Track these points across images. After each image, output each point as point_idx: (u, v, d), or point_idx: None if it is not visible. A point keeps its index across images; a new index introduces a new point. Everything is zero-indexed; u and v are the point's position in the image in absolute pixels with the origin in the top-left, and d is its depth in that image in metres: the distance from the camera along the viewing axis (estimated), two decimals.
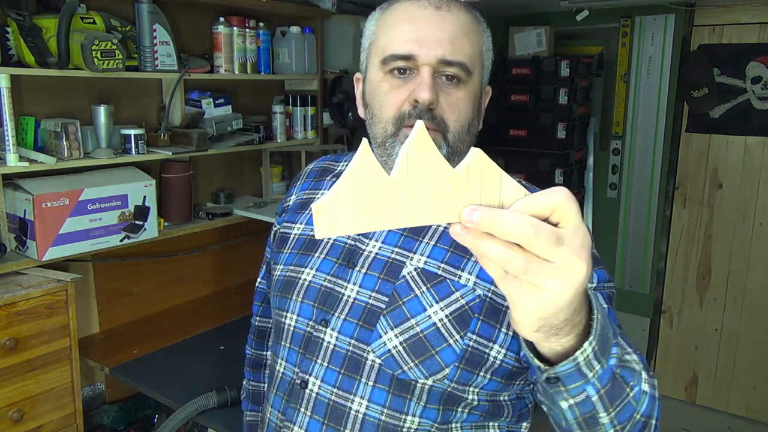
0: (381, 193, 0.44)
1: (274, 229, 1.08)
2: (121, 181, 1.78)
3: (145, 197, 1.83)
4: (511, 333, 0.82)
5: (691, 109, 2.94)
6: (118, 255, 2.00)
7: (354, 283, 0.87)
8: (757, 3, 2.68)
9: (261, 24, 2.23)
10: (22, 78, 1.66)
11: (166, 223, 2.00)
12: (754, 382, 2.95)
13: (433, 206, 0.44)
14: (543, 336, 0.49)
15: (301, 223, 1.00)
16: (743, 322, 2.96)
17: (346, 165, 0.78)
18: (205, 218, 2.14)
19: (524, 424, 0.95)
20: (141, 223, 1.83)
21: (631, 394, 0.60)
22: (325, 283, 0.90)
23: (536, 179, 3.00)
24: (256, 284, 1.19)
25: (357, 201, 0.44)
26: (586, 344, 0.51)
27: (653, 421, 0.65)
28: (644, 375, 0.63)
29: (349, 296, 0.87)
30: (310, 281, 0.92)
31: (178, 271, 2.27)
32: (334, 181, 0.72)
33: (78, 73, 1.65)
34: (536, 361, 0.54)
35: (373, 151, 0.48)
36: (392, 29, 0.85)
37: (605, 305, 0.78)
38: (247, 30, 2.16)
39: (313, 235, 0.95)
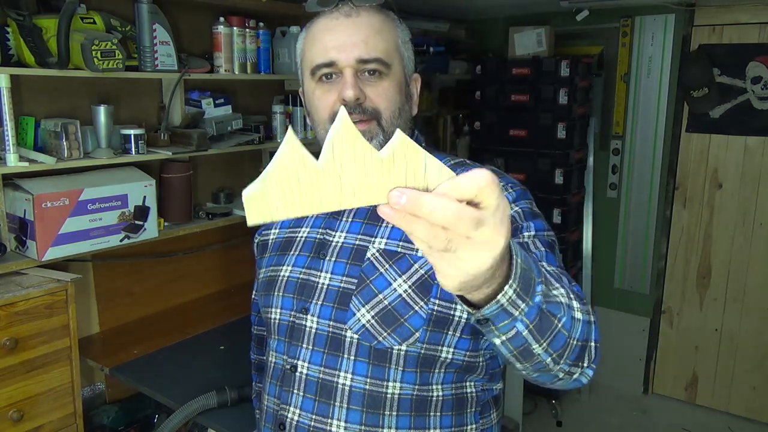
0: (309, 180, 0.45)
1: (256, 240, 1.18)
2: (121, 181, 1.78)
3: (145, 197, 1.83)
4: None
5: (691, 109, 2.94)
6: (118, 255, 2.00)
7: (326, 272, 0.97)
8: (757, 3, 2.68)
9: (261, 24, 2.22)
10: (22, 78, 1.66)
11: (166, 223, 2.00)
12: (754, 382, 2.95)
13: (361, 190, 0.46)
14: (465, 292, 0.54)
15: (276, 229, 1.11)
16: (743, 322, 2.96)
17: None
18: (205, 218, 2.14)
19: (498, 385, 1.02)
20: (141, 223, 1.83)
21: (560, 325, 0.65)
22: (301, 276, 0.99)
23: (536, 179, 3.01)
24: (252, 296, 1.26)
25: (286, 189, 0.45)
26: (506, 287, 0.56)
27: (592, 344, 0.72)
28: (575, 305, 0.69)
29: (323, 284, 0.96)
30: (288, 276, 1.01)
31: (178, 271, 2.27)
32: None
33: (78, 73, 1.65)
34: (466, 308, 0.59)
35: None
36: (314, 43, 0.96)
37: (543, 249, 0.88)
38: (247, 30, 2.16)
39: (288, 236, 1.05)
